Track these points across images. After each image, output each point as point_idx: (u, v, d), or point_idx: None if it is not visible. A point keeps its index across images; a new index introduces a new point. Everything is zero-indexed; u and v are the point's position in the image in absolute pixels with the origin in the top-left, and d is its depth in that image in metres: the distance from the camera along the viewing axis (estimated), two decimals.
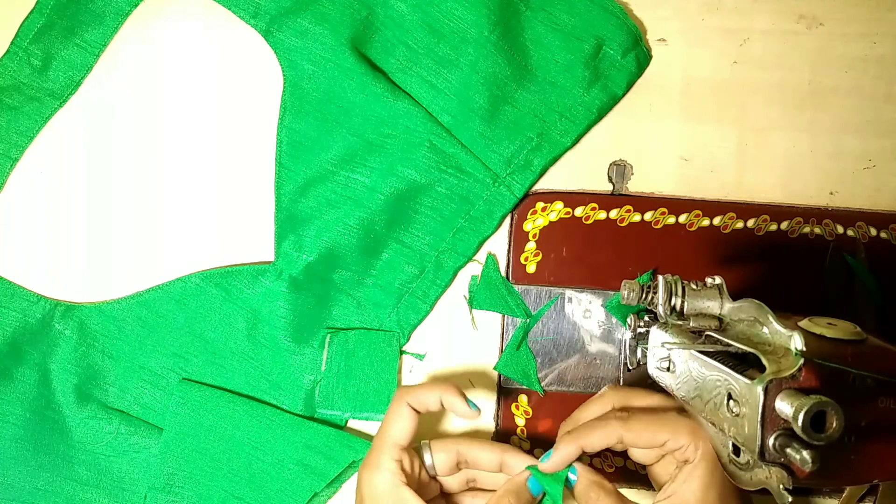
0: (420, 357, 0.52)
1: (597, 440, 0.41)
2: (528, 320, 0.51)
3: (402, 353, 0.51)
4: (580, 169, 0.52)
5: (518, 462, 0.44)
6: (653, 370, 0.44)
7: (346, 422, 0.51)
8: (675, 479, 0.40)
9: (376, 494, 0.42)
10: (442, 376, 0.52)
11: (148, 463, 0.50)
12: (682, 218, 0.51)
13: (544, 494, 0.42)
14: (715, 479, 0.39)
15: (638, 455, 0.44)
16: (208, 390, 0.51)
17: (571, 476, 0.42)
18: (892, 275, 0.51)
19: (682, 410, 0.42)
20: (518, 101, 0.51)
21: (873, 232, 0.51)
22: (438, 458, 0.44)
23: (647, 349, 0.46)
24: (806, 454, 0.29)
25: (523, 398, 0.51)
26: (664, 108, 0.52)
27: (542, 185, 0.52)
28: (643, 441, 0.41)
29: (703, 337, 0.40)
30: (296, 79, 0.52)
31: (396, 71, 0.52)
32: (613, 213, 0.51)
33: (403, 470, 0.42)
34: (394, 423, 0.43)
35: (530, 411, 0.51)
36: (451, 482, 0.46)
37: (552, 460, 0.42)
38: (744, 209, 0.51)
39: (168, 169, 0.53)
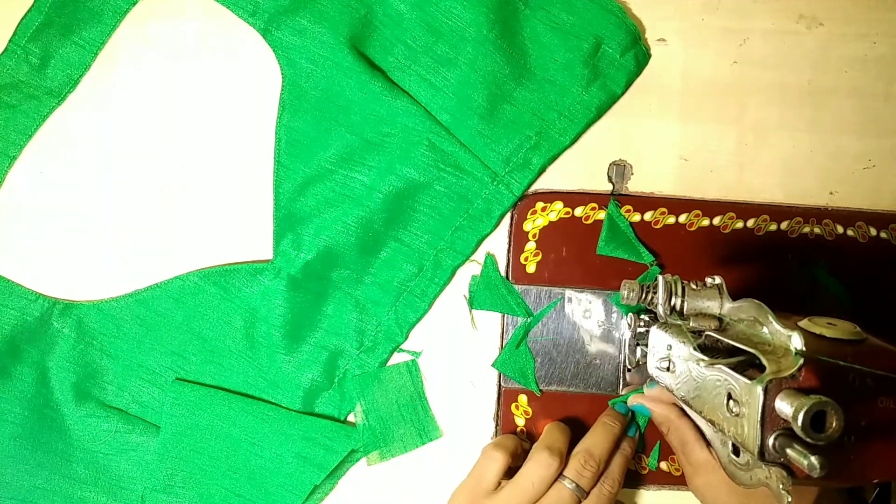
0: (416, 354, 0.51)
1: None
2: (529, 319, 0.51)
3: (399, 351, 0.51)
4: (580, 169, 0.52)
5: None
6: (653, 370, 0.44)
7: (346, 416, 0.51)
8: None
9: None
10: (442, 377, 0.51)
11: (146, 461, 0.50)
12: (682, 218, 0.51)
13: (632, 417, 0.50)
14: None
15: None
16: (202, 389, 0.50)
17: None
18: (893, 274, 0.51)
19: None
20: (517, 100, 0.51)
21: (873, 232, 0.51)
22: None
23: (647, 349, 0.46)
24: (814, 459, 0.29)
25: (523, 398, 0.51)
26: (664, 108, 0.52)
27: (542, 184, 0.52)
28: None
29: (703, 337, 0.40)
30: (294, 77, 0.52)
31: (395, 69, 0.52)
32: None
33: None
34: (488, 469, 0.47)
35: (530, 411, 0.51)
36: None
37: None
38: (744, 209, 0.51)
39: (166, 167, 0.53)
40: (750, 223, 0.51)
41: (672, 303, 0.41)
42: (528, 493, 0.44)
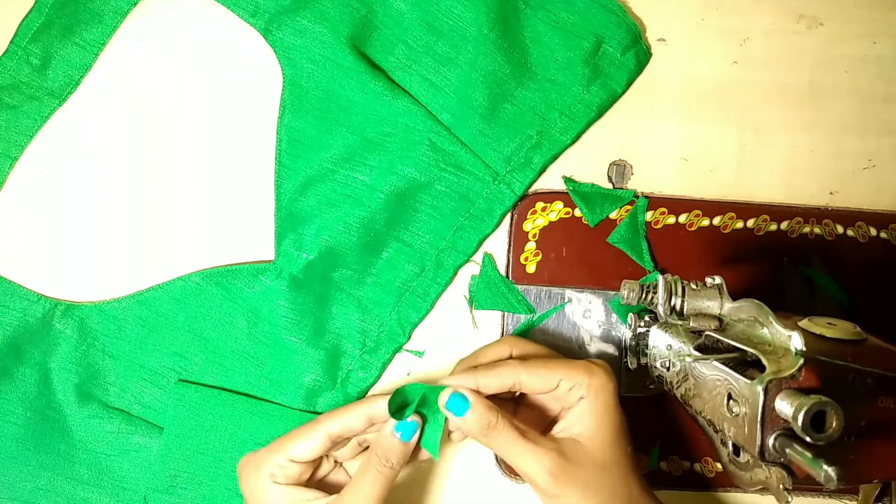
0: (419, 354, 0.52)
1: (495, 380, 0.41)
2: (532, 316, 0.51)
3: (401, 351, 0.52)
4: (580, 169, 0.52)
5: (382, 409, 0.41)
6: (653, 370, 0.44)
7: None
8: (567, 416, 0.41)
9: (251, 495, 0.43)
10: (438, 376, 0.52)
11: (149, 462, 0.50)
12: (682, 218, 0.51)
13: (421, 433, 0.41)
14: (608, 415, 0.40)
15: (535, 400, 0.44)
16: (206, 390, 0.51)
17: (451, 416, 0.41)
18: (893, 274, 0.51)
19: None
20: (518, 99, 0.51)
21: (873, 232, 0.51)
22: (304, 449, 0.42)
23: (646, 349, 0.46)
24: (831, 471, 0.28)
25: None
26: (664, 108, 0.52)
27: (542, 184, 0.52)
28: (539, 381, 0.41)
29: (703, 337, 0.40)
30: (295, 77, 0.52)
31: (396, 69, 0.52)
32: (613, 214, 0.51)
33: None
34: (297, 441, 0.43)
35: None
36: (346, 453, 0.45)
37: (450, 380, 0.42)
38: (744, 209, 0.51)
39: (167, 168, 0.53)
40: (750, 223, 0.51)
41: (672, 303, 0.41)
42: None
